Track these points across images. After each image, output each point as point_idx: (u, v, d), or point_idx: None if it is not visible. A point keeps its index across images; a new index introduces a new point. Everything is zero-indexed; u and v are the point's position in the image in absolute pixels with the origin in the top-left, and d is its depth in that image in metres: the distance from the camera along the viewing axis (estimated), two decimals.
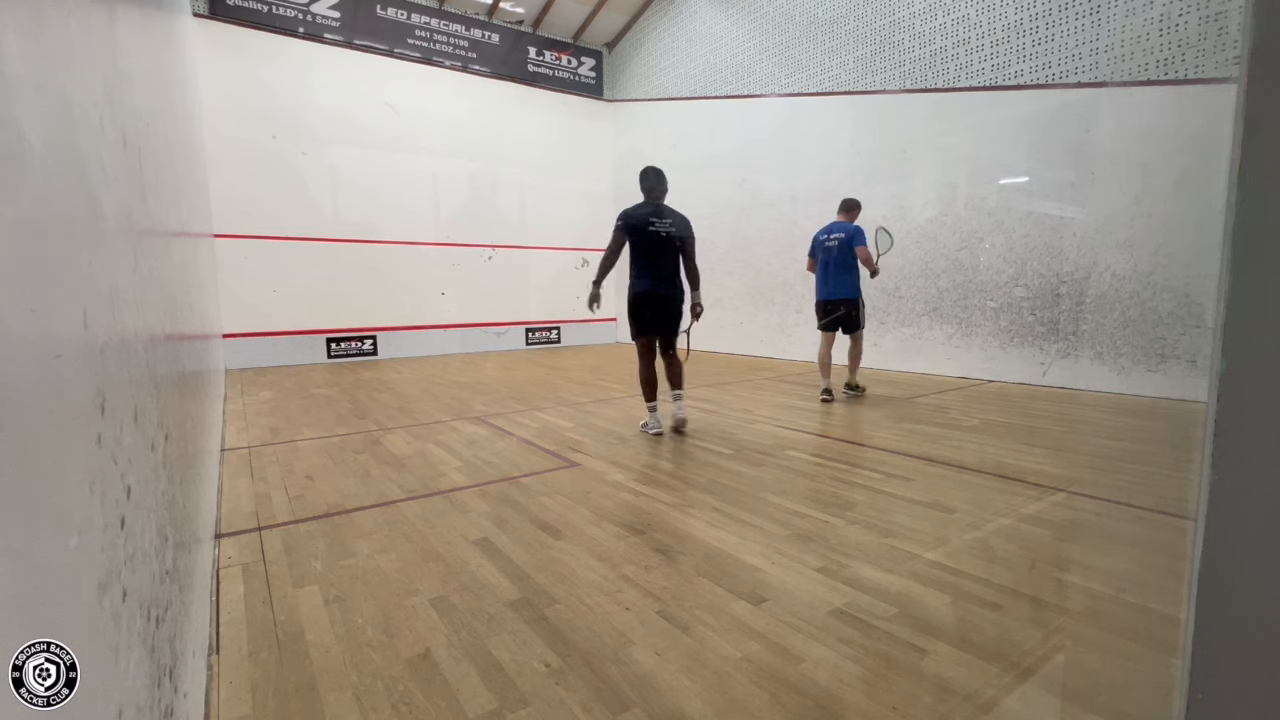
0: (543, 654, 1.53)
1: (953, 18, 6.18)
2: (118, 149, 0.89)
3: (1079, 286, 5.37)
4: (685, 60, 9.58)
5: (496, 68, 9.84)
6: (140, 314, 0.97)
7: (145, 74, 1.39)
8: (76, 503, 0.53)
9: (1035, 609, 1.74)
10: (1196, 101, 4.66)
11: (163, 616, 0.90)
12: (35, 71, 0.51)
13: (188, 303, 2.20)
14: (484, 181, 9.65)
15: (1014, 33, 5.71)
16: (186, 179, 2.90)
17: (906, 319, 6.77)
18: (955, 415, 4.38)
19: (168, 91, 2.10)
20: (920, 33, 6.47)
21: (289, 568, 2.03)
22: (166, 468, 1.11)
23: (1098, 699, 1.37)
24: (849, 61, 7.21)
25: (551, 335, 10.60)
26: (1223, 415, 0.45)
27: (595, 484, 2.89)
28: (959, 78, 6.18)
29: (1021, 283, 5.76)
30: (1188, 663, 0.48)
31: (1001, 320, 5.95)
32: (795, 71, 7.88)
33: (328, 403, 5.23)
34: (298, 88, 8.04)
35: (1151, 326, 4.94)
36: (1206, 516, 0.46)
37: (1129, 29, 4.96)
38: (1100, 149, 5.18)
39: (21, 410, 0.43)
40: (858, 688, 1.39)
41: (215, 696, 1.38)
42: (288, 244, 8.02)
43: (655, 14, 10.09)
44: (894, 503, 2.59)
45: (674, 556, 2.09)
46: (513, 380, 6.52)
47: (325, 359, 8.38)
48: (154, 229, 1.32)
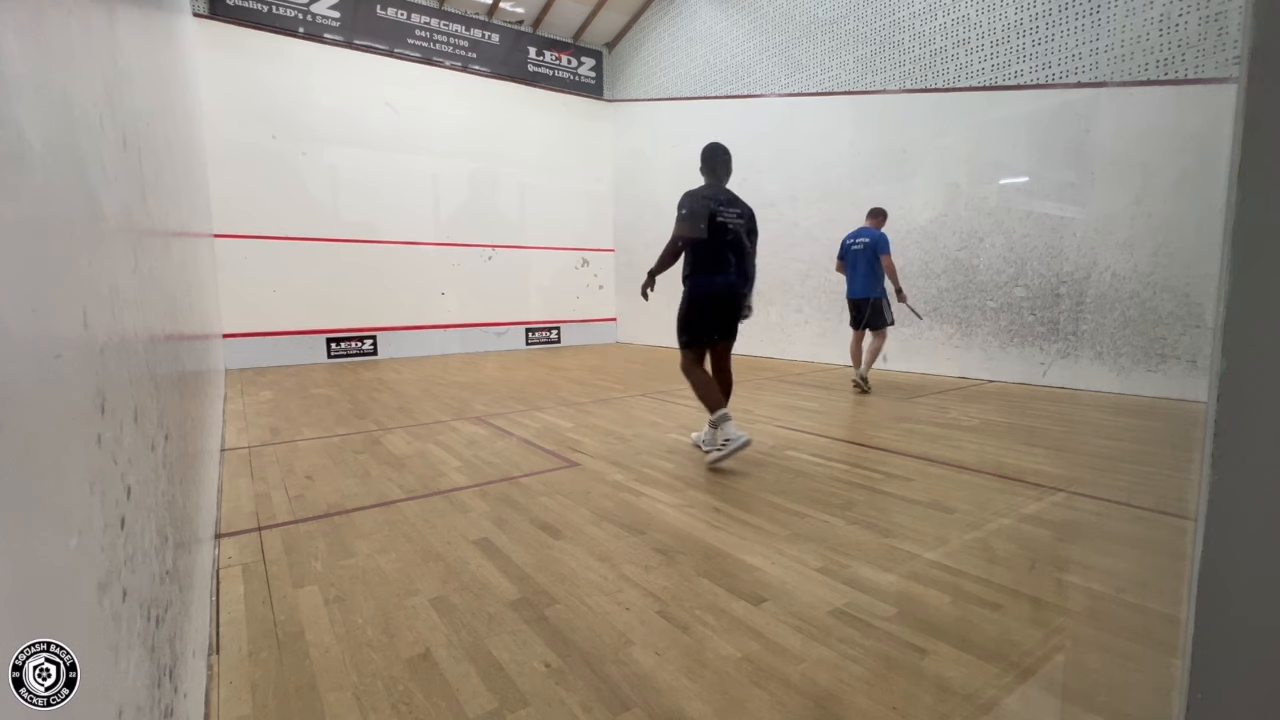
0: (543, 654, 1.53)
1: (953, 18, 6.18)
2: (118, 149, 0.89)
3: (1079, 286, 5.37)
4: (685, 60, 9.57)
5: (496, 68, 9.84)
6: (140, 314, 0.97)
7: (145, 74, 1.39)
8: (76, 503, 0.53)
9: (1035, 609, 1.73)
10: (1196, 101, 4.66)
11: (163, 616, 0.90)
12: (35, 71, 0.50)
13: (188, 303, 2.20)
14: (484, 181, 9.65)
15: (1014, 33, 5.71)
16: (186, 179, 2.90)
17: (907, 319, 6.76)
18: (955, 415, 4.38)
19: (168, 91, 2.10)
20: (920, 33, 6.47)
21: (289, 568, 2.03)
22: (166, 468, 1.11)
23: (1098, 699, 1.37)
24: (849, 61, 7.21)
25: (551, 335, 10.59)
26: (1223, 415, 0.45)
27: (595, 484, 2.89)
28: (959, 78, 6.18)
29: (1021, 283, 5.76)
30: (1188, 663, 0.48)
31: (1001, 320, 5.95)
32: (795, 71, 7.88)
33: (328, 403, 5.22)
34: (298, 88, 8.04)
35: (1151, 326, 4.94)
36: (1206, 516, 0.46)
37: (1129, 29, 4.97)
38: (1100, 149, 5.18)
39: (21, 410, 0.43)
40: (858, 688, 1.39)
41: (215, 696, 1.38)
42: (288, 244, 8.02)
43: (655, 14, 10.09)
44: (894, 503, 2.59)
45: (674, 556, 2.09)
46: (513, 380, 6.52)
47: (325, 359, 8.38)
48: (154, 229, 1.32)
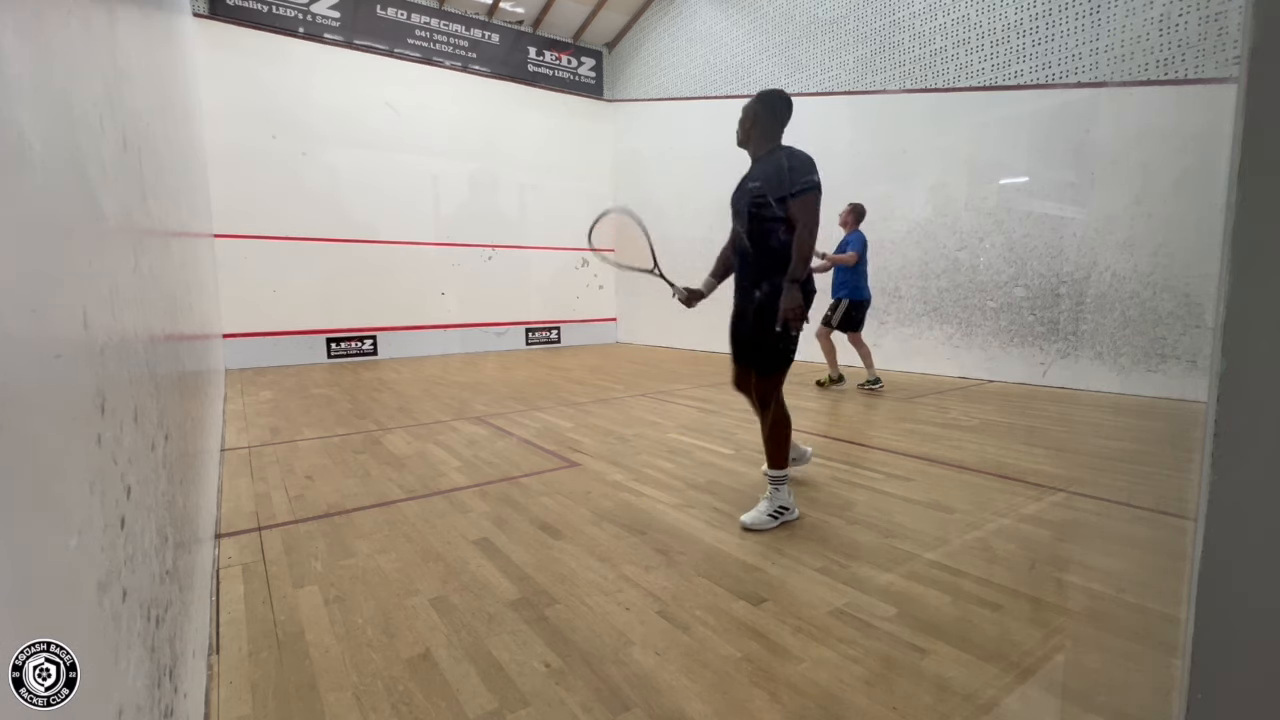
0: (543, 654, 1.53)
1: (953, 18, 6.18)
2: (118, 149, 0.89)
3: (1079, 286, 5.37)
4: (685, 60, 9.57)
5: (496, 68, 9.83)
6: (140, 314, 0.97)
7: (145, 74, 1.39)
8: (76, 503, 0.53)
9: (1035, 609, 1.73)
10: (1196, 101, 4.66)
11: (163, 616, 0.90)
12: (35, 71, 0.50)
13: (188, 303, 2.20)
14: (484, 181, 9.65)
15: (1014, 33, 5.71)
16: (186, 179, 2.89)
17: (906, 319, 6.77)
18: (955, 415, 4.38)
19: (168, 91, 2.10)
20: (920, 33, 6.47)
21: (289, 568, 2.03)
22: (166, 468, 1.11)
23: (1098, 699, 1.37)
24: (849, 61, 7.21)
25: (551, 335, 10.59)
26: (1223, 415, 0.45)
27: (595, 484, 2.89)
28: (959, 78, 6.17)
29: (1021, 283, 5.76)
30: (1188, 663, 0.48)
31: (1001, 320, 5.95)
32: (795, 71, 7.88)
33: (328, 403, 5.22)
34: (298, 88, 8.04)
35: (1151, 326, 4.94)
36: (1206, 516, 0.46)
37: (1129, 29, 4.96)
38: (1100, 149, 5.17)
39: (21, 410, 0.43)
40: (858, 688, 1.39)
41: (215, 696, 1.38)
42: (288, 244, 8.02)
43: (655, 14, 10.09)
44: (894, 503, 2.59)
45: (674, 556, 2.09)
46: (513, 380, 6.52)
47: (325, 359, 8.38)
48: (154, 229, 1.32)
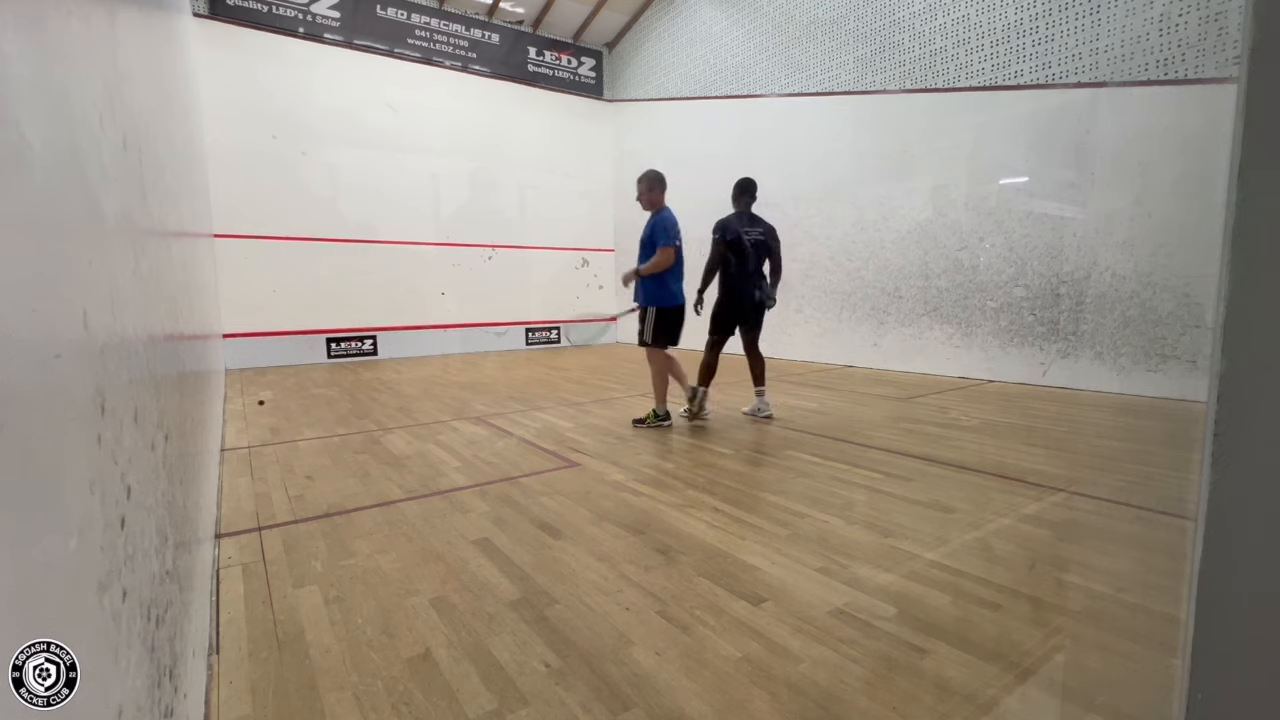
0: (543, 654, 1.53)
1: (953, 18, 6.17)
2: (118, 149, 0.89)
3: (1079, 286, 5.37)
4: (685, 60, 9.57)
5: (496, 68, 9.83)
6: (140, 314, 0.97)
7: (145, 74, 1.39)
8: (76, 502, 0.53)
9: (1035, 609, 1.73)
10: (1196, 101, 4.66)
11: (163, 616, 0.90)
12: (35, 71, 0.50)
13: (188, 303, 2.20)
14: (484, 181, 9.65)
15: (1014, 33, 5.71)
16: (186, 179, 2.89)
17: (906, 319, 6.77)
18: (955, 415, 4.38)
19: (167, 91, 2.10)
20: (920, 33, 6.47)
21: (289, 568, 2.03)
22: (166, 468, 1.11)
23: (1098, 699, 1.37)
24: (849, 61, 7.21)
25: (551, 335, 10.59)
26: (1223, 415, 0.45)
27: (595, 484, 2.89)
28: (959, 78, 6.17)
29: (1021, 283, 5.76)
30: (1188, 663, 0.48)
31: (1001, 320, 5.95)
32: (795, 71, 7.88)
33: (328, 403, 5.22)
34: (298, 88, 8.03)
35: (1151, 326, 4.94)
36: (1206, 516, 0.46)
37: (1129, 29, 4.96)
38: (1100, 149, 5.17)
39: (21, 410, 0.43)
40: (858, 688, 1.39)
41: (215, 696, 1.38)
42: (288, 244, 8.02)
43: (655, 14, 10.09)
44: (894, 503, 2.59)
45: (674, 556, 2.09)
46: (513, 380, 6.52)
47: (325, 359, 8.38)
48: (154, 229, 1.32)
